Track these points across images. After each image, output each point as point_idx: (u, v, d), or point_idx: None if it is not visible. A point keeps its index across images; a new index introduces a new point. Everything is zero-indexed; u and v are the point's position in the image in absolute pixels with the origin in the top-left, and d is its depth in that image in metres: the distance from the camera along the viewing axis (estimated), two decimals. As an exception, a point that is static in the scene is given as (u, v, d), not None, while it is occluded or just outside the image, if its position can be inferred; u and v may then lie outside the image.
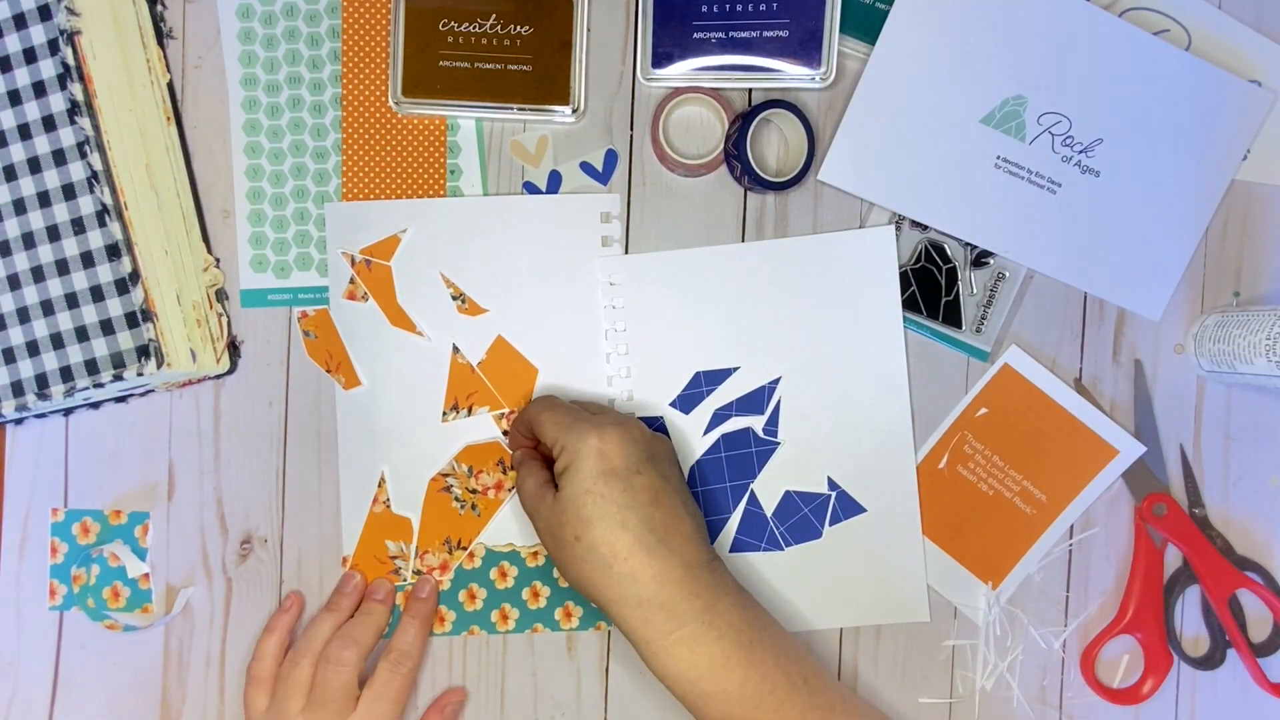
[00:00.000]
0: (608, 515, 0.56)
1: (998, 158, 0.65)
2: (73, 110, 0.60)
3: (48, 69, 0.60)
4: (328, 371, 0.66)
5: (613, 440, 0.57)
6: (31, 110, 0.61)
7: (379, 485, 0.66)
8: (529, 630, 0.66)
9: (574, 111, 0.65)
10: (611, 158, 0.66)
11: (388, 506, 0.66)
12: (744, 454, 0.66)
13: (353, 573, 0.66)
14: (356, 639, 0.62)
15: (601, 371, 0.66)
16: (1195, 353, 0.66)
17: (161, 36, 0.65)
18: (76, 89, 0.60)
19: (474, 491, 0.66)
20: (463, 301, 0.66)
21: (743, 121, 0.63)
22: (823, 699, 0.57)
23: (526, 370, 0.66)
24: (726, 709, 0.56)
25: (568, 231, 0.66)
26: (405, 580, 0.66)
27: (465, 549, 0.66)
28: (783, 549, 0.66)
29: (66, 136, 0.60)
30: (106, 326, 0.61)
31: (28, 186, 0.61)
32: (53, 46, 0.60)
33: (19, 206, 0.61)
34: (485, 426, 0.66)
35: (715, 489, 0.66)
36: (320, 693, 0.61)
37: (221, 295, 0.66)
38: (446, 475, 0.66)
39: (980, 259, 0.66)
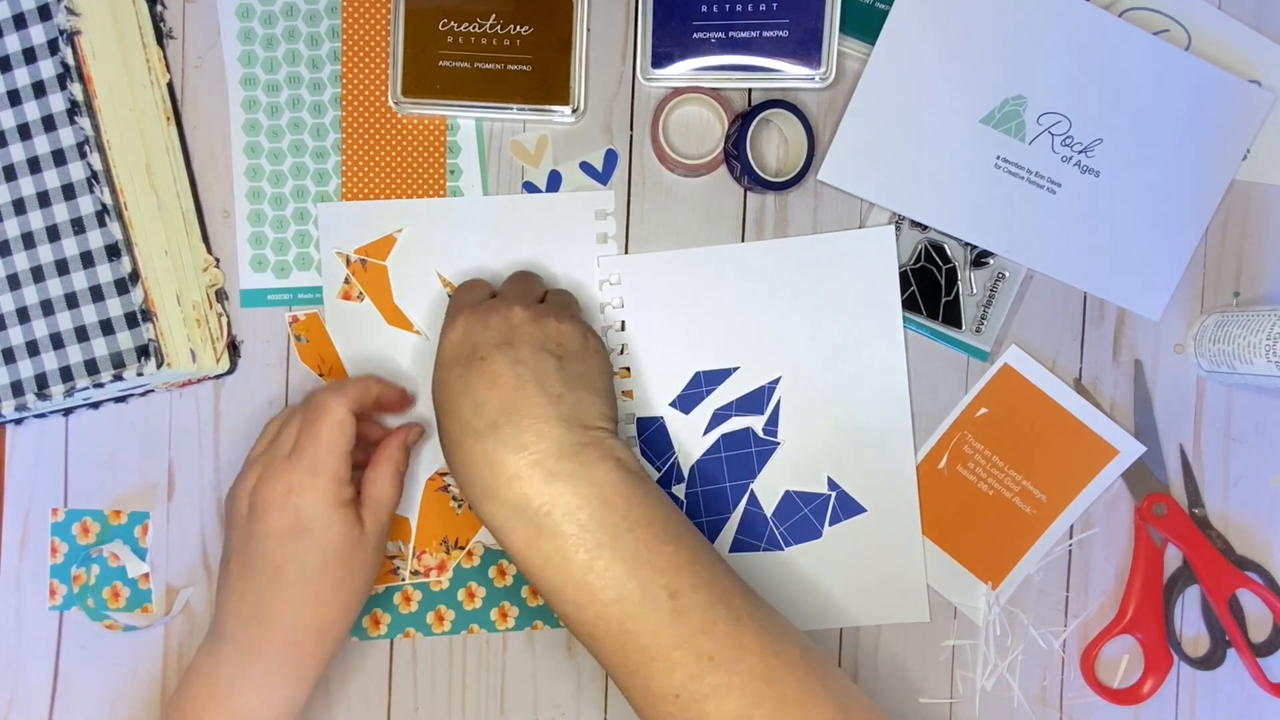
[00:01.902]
0: (445, 403, 0.55)
1: (998, 158, 0.65)
2: (73, 110, 0.60)
3: (48, 69, 0.60)
4: (320, 376, 0.66)
5: (461, 328, 0.56)
6: (31, 110, 0.61)
7: None
8: (529, 627, 0.66)
9: (574, 111, 0.65)
10: (611, 158, 0.66)
11: None
12: (744, 454, 0.66)
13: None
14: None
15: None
16: (1195, 353, 0.66)
17: (161, 36, 0.65)
18: (76, 89, 0.60)
19: None
20: None
21: (743, 121, 0.63)
22: (694, 618, 0.50)
23: None
24: (564, 611, 0.52)
25: (563, 230, 0.66)
26: (403, 580, 0.66)
27: (463, 548, 0.66)
28: (783, 549, 0.66)
29: (66, 136, 0.60)
30: (106, 326, 0.61)
31: (28, 186, 0.61)
32: (53, 46, 0.60)
33: (19, 206, 0.61)
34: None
35: (715, 489, 0.66)
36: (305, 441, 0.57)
37: (221, 295, 0.66)
38: (444, 474, 0.66)
39: (980, 259, 0.66)
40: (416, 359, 0.66)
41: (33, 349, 0.61)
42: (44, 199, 0.61)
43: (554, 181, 0.66)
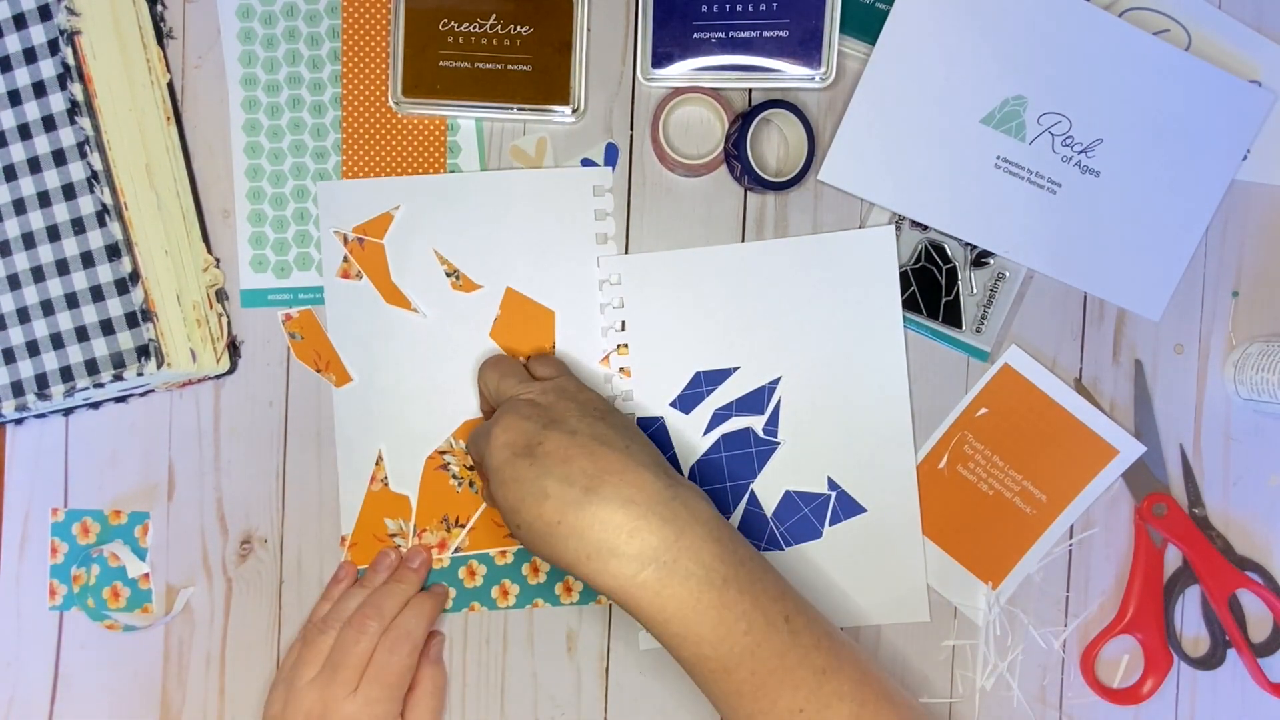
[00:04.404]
0: (527, 494, 0.55)
1: (998, 158, 0.65)
2: (73, 110, 0.60)
3: (48, 69, 0.60)
4: (317, 371, 0.66)
5: (507, 426, 0.57)
6: (31, 110, 0.61)
7: (376, 464, 0.66)
8: (529, 605, 0.66)
9: (574, 112, 0.65)
10: (612, 151, 0.66)
11: (385, 484, 0.66)
12: (744, 454, 0.66)
13: (387, 551, 0.66)
14: (380, 608, 0.62)
15: (598, 368, 0.66)
16: (1234, 380, 0.65)
17: (161, 36, 0.65)
18: (76, 89, 0.60)
19: (471, 468, 0.66)
20: (456, 278, 0.66)
21: (743, 121, 0.63)
22: (805, 638, 0.54)
23: (543, 315, 0.66)
24: (699, 650, 0.54)
25: (559, 205, 0.66)
26: None
27: (464, 526, 0.66)
28: (783, 549, 0.66)
29: (66, 136, 0.60)
30: (106, 326, 0.61)
31: (28, 186, 0.61)
32: (53, 46, 0.60)
33: (19, 206, 0.61)
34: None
35: (715, 489, 0.66)
36: (336, 656, 0.61)
37: (221, 295, 0.66)
38: (444, 453, 0.66)
39: (980, 259, 0.66)
40: (414, 337, 0.66)
41: (33, 349, 0.61)
42: (44, 199, 0.61)
43: (554, 181, 0.66)
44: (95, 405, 0.66)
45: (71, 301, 0.61)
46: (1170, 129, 0.65)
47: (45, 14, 0.60)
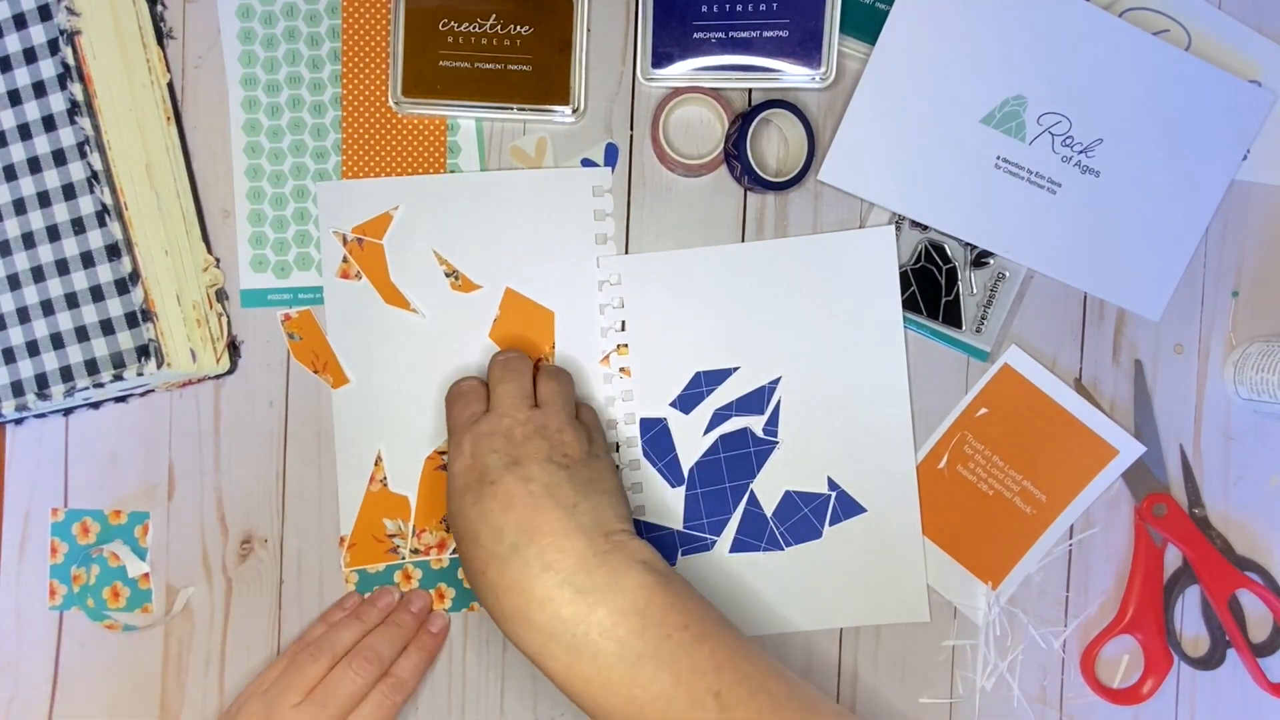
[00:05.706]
0: (464, 533, 0.56)
1: (998, 158, 0.65)
2: (73, 110, 0.60)
3: (48, 69, 0.60)
4: (314, 372, 0.66)
5: (466, 454, 0.57)
6: (31, 110, 0.61)
7: (375, 464, 0.66)
8: None
9: (574, 112, 0.65)
10: (612, 151, 0.66)
11: (384, 485, 0.66)
12: (743, 454, 0.66)
13: (389, 589, 0.65)
14: (378, 652, 0.61)
15: (598, 368, 0.66)
16: (1234, 380, 0.66)
17: (161, 36, 0.65)
18: (76, 89, 0.60)
19: None
20: (455, 278, 0.66)
21: (743, 121, 0.63)
22: (739, 713, 0.51)
23: (543, 315, 0.66)
24: None
25: (559, 205, 0.66)
26: (403, 559, 0.66)
27: None
28: (783, 549, 0.66)
29: (66, 136, 0.60)
30: (106, 326, 0.61)
31: (28, 186, 0.61)
32: (53, 46, 0.60)
33: (19, 206, 0.61)
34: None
35: (715, 489, 0.66)
36: (326, 692, 0.60)
37: (221, 295, 0.66)
38: (443, 453, 0.66)
39: (980, 259, 0.66)
40: (414, 338, 0.66)
41: (33, 349, 0.61)
42: (44, 199, 0.61)
43: (554, 181, 0.66)
44: (95, 405, 0.66)
45: (71, 301, 0.61)
46: (1170, 129, 0.65)
47: (45, 14, 0.60)
